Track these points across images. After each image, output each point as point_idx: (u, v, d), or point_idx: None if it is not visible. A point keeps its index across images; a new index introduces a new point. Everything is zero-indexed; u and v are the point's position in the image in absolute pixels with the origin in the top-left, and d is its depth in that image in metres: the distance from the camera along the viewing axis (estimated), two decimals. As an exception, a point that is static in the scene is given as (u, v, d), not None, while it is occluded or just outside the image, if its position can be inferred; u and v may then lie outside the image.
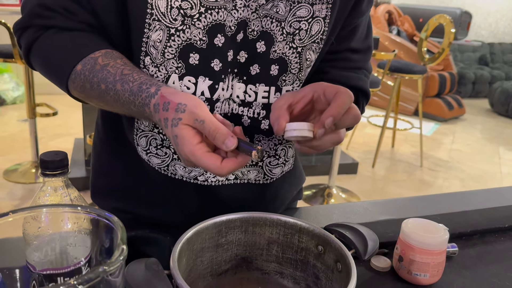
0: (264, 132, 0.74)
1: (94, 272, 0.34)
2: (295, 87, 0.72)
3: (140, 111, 0.60)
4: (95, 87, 0.61)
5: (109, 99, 0.61)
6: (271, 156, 0.76)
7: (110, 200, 0.82)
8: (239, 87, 0.69)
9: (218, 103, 0.69)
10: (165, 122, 0.56)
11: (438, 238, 0.71)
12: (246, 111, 0.71)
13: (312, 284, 0.64)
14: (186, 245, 0.59)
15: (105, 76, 0.60)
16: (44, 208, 0.44)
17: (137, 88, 0.59)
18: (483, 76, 6.31)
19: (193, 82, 0.66)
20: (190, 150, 0.54)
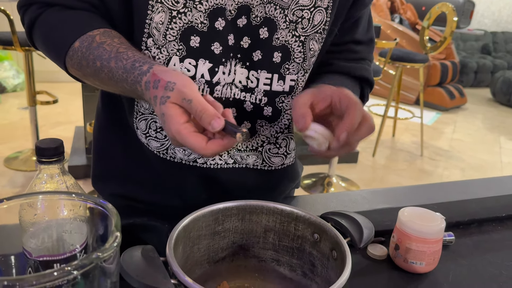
0: (266, 118, 0.74)
1: (88, 258, 0.34)
2: (300, 76, 0.72)
3: (133, 89, 0.60)
4: (90, 64, 0.61)
5: (103, 76, 0.61)
6: (271, 143, 0.77)
7: (110, 185, 0.83)
8: (242, 73, 0.70)
9: (218, 86, 0.69)
10: (155, 100, 0.55)
11: (434, 227, 0.72)
12: (248, 97, 0.72)
13: (308, 271, 0.64)
14: (183, 233, 0.59)
15: (100, 53, 0.60)
16: (39, 195, 0.44)
17: (130, 65, 0.59)
18: (485, 65, 6.27)
19: (194, 64, 0.67)
20: (176, 129, 0.53)
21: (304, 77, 0.73)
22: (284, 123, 0.76)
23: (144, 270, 0.47)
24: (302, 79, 0.72)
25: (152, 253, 0.50)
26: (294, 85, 0.72)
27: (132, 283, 0.45)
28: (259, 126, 0.75)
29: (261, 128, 0.75)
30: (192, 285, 0.47)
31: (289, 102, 0.74)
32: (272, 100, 0.73)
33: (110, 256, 0.36)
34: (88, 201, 0.41)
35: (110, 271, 0.39)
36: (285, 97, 0.73)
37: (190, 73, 0.67)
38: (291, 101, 0.74)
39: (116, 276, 0.40)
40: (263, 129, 0.75)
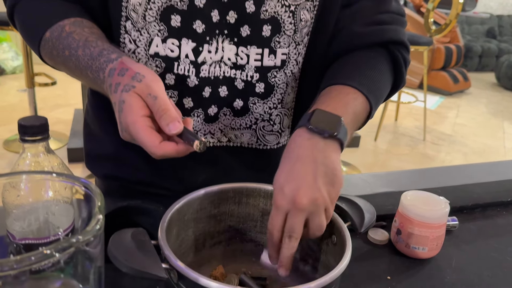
0: (259, 95, 0.71)
1: (68, 241, 0.32)
2: (291, 49, 0.69)
3: (95, 76, 0.58)
4: (60, 54, 0.61)
5: (71, 65, 0.60)
6: (264, 120, 0.74)
7: (103, 166, 0.80)
8: (230, 49, 0.67)
9: (205, 65, 0.67)
10: (116, 86, 0.53)
11: (438, 211, 0.69)
12: (239, 74, 0.69)
13: (306, 256, 0.62)
14: (177, 216, 0.57)
15: (69, 42, 0.59)
16: (21, 175, 0.41)
17: (97, 52, 0.57)
18: (490, 49, 6.19)
19: (177, 44, 0.65)
20: (133, 120, 0.51)
21: (296, 50, 0.69)
22: (277, 98, 0.73)
23: (134, 254, 0.45)
24: (294, 51, 0.69)
25: (143, 236, 0.48)
26: (285, 59, 0.69)
27: (120, 268, 0.43)
28: (251, 104, 0.72)
29: (254, 105, 0.72)
30: (184, 269, 0.45)
31: (281, 76, 0.70)
32: (264, 76, 0.70)
33: (93, 239, 0.34)
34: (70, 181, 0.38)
35: (94, 255, 0.36)
36: (277, 72, 0.70)
37: (174, 54, 0.65)
38: (283, 76, 0.70)
39: (101, 260, 0.38)
40: (255, 107, 0.72)
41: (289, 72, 0.71)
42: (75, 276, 0.40)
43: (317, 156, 0.51)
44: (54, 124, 3.37)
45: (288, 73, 0.71)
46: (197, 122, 0.72)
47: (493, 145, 3.76)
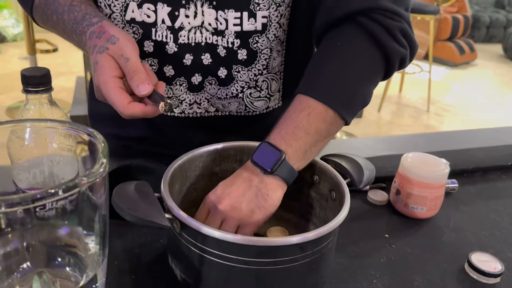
0: (241, 62, 0.69)
1: (73, 181, 0.32)
2: (272, 12, 0.65)
3: (80, 39, 0.60)
4: (49, 19, 0.62)
5: (59, 29, 0.62)
6: (251, 87, 0.72)
7: (106, 126, 0.81)
8: (210, 14, 0.64)
9: (183, 31, 0.65)
10: (93, 48, 0.55)
11: (438, 172, 0.70)
12: (220, 41, 0.66)
13: (305, 213, 0.63)
14: (179, 171, 0.58)
15: (56, 8, 0.61)
16: (26, 122, 0.42)
17: (81, 17, 0.59)
18: (498, 20, 6.06)
19: (153, 9, 0.63)
20: (104, 80, 0.53)
21: (278, 12, 0.66)
22: (262, 64, 0.70)
23: (137, 203, 0.45)
24: (275, 14, 0.66)
25: (146, 188, 0.49)
26: (267, 23, 0.66)
27: (124, 216, 0.44)
28: (235, 72, 0.70)
29: (238, 74, 0.70)
30: (186, 218, 0.46)
31: (264, 41, 0.67)
32: (245, 42, 0.67)
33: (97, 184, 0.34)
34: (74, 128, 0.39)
35: (98, 201, 0.37)
36: (259, 37, 0.67)
37: (151, 19, 0.64)
38: (266, 40, 0.67)
39: (105, 209, 0.39)
40: (240, 75, 0.70)
41: (272, 36, 0.68)
42: (80, 224, 0.41)
43: (254, 181, 0.55)
44: (57, 92, 3.36)
45: (271, 37, 0.68)
46: (181, 91, 0.71)
47: (497, 118, 3.74)
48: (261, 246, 0.44)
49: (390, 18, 0.60)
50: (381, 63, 0.61)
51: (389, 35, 0.60)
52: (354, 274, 0.59)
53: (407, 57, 0.63)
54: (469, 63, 5.23)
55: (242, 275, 0.46)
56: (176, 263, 0.51)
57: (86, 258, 0.41)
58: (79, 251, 0.41)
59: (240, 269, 0.45)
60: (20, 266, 0.40)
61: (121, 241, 0.61)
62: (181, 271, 0.51)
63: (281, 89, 0.77)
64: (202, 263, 0.47)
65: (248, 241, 0.44)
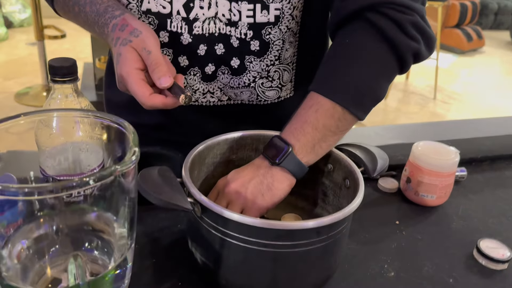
0: (254, 53, 0.70)
1: (106, 170, 0.34)
2: (285, 4, 0.66)
3: (101, 31, 0.61)
4: (71, 10, 0.63)
5: (81, 21, 0.63)
6: (263, 77, 0.73)
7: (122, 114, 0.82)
8: (224, 5, 0.65)
9: (197, 22, 0.66)
10: (116, 40, 0.57)
11: (448, 161, 0.71)
12: (233, 31, 0.67)
13: (319, 201, 0.65)
14: (198, 158, 0.59)
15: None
16: (54, 112, 0.44)
17: (103, 9, 0.60)
18: (506, 7, 6.00)
19: (168, 0, 0.64)
20: (127, 72, 0.55)
21: (290, 4, 0.66)
22: (274, 55, 0.71)
23: (161, 187, 0.47)
24: (288, 6, 0.66)
25: (168, 173, 0.51)
26: (279, 15, 0.66)
27: (150, 199, 0.46)
28: (248, 63, 0.71)
29: (250, 64, 0.71)
30: (207, 203, 0.47)
31: (276, 33, 0.68)
32: (258, 33, 0.68)
33: (129, 170, 0.36)
34: (105, 119, 0.41)
35: (128, 186, 0.39)
36: (271, 29, 0.68)
37: (166, 10, 0.65)
38: (278, 32, 0.68)
39: (135, 192, 0.41)
40: (252, 65, 0.71)
41: (285, 28, 0.68)
42: (109, 209, 0.43)
43: (261, 170, 0.58)
44: (64, 78, 3.38)
45: (283, 29, 0.68)
46: (195, 81, 0.72)
47: (503, 105, 3.73)
48: (279, 230, 0.46)
49: (400, 12, 0.59)
50: (391, 57, 0.61)
51: (398, 28, 0.59)
52: (365, 259, 0.61)
53: (421, 50, 0.62)
54: (476, 50, 5.20)
55: (260, 257, 0.48)
56: (196, 246, 0.54)
57: (115, 242, 0.43)
58: (108, 235, 0.43)
59: (258, 251, 0.47)
60: (51, 250, 0.43)
61: (140, 225, 0.63)
62: (201, 254, 0.53)
63: (293, 80, 0.78)
64: (222, 245, 0.49)
65: (267, 225, 0.46)
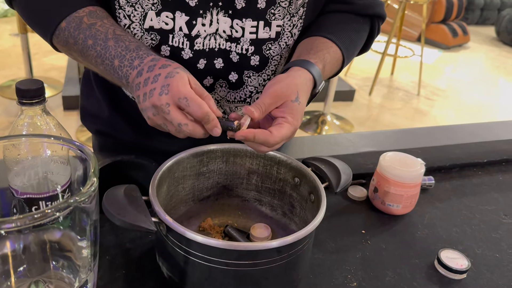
0: (253, 68, 0.73)
1: (67, 202, 0.36)
2: (286, 21, 0.69)
3: (124, 64, 0.59)
4: (80, 42, 0.62)
5: (91, 53, 0.61)
6: (259, 92, 0.76)
7: (97, 124, 0.83)
8: (225, 22, 0.67)
9: (199, 39, 0.67)
10: (165, 66, 0.56)
11: (413, 172, 0.74)
12: (234, 47, 0.70)
13: (287, 211, 0.67)
14: (167, 173, 0.61)
15: (93, 33, 0.61)
16: (22, 138, 0.45)
17: (134, 46, 0.60)
18: (492, 2, 6.05)
19: (171, 17, 0.65)
20: (188, 91, 0.54)
21: (291, 22, 0.70)
22: (272, 70, 0.74)
23: (126, 208, 0.49)
24: (288, 23, 0.70)
25: (134, 193, 0.52)
26: (280, 31, 0.70)
27: (114, 221, 0.47)
28: (246, 77, 0.73)
29: (249, 79, 0.74)
30: (171, 223, 0.49)
31: (276, 48, 0.72)
32: (259, 49, 0.71)
33: (88, 199, 0.38)
34: (67, 144, 0.42)
35: (90, 210, 0.41)
36: (272, 44, 0.71)
37: (168, 27, 0.66)
38: (278, 47, 0.72)
39: (96, 214, 0.42)
40: (250, 80, 0.74)
41: (284, 44, 0.72)
42: (73, 228, 0.44)
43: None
44: (48, 71, 3.35)
45: (282, 45, 0.72)
46: None
47: (486, 102, 3.79)
48: (240, 250, 0.48)
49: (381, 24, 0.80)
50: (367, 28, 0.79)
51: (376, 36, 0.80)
52: (330, 269, 0.64)
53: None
54: (461, 45, 5.25)
55: (223, 275, 0.50)
56: (162, 261, 0.55)
57: (80, 262, 0.44)
58: (73, 255, 0.45)
59: (221, 270, 0.49)
60: (17, 270, 0.44)
61: (112, 236, 0.65)
62: (167, 269, 0.55)
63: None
64: (186, 263, 0.51)
65: (229, 246, 0.48)
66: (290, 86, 0.61)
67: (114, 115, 0.80)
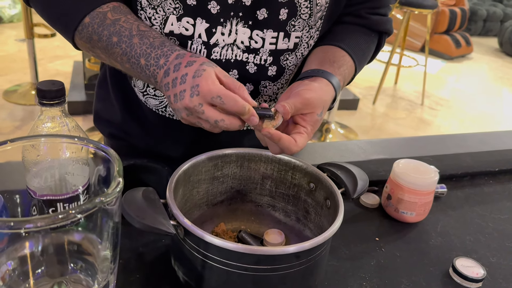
0: (270, 78, 0.73)
1: (91, 202, 0.35)
2: (305, 33, 0.70)
3: (150, 63, 0.59)
4: (104, 39, 0.61)
5: (116, 50, 0.61)
6: (272, 100, 0.76)
7: (110, 128, 0.83)
8: (244, 32, 0.67)
9: (217, 48, 0.67)
10: (190, 65, 0.56)
11: (427, 179, 0.73)
12: (252, 58, 0.69)
13: (302, 217, 0.67)
14: (183, 177, 0.61)
15: (118, 30, 0.60)
16: (42, 138, 0.44)
17: (159, 43, 0.60)
18: (495, 14, 6.08)
19: (192, 23, 0.65)
20: (222, 88, 0.54)
21: (309, 33, 0.70)
22: (286, 79, 0.74)
23: (145, 211, 0.48)
24: (306, 35, 0.70)
25: (153, 195, 0.52)
26: (298, 42, 0.70)
27: (133, 223, 0.47)
28: (262, 88, 0.74)
29: (265, 89, 0.74)
30: (190, 226, 0.49)
31: (293, 59, 0.72)
32: (277, 59, 0.71)
33: (112, 200, 0.37)
34: (90, 145, 0.42)
35: (113, 212, 0.40)
36: (289, 55, 0.71)
37: (188, 32, 0.66)
38: (294, 58, 0.72)
39: (118, 216, 0.42)
40: (266, 90, 0.74)
41: (300, 55, 0.72)
42: (94, 231, 0.44)
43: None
44: (54, 76, 3.36)
45: (299, 56, 0.72)
46: None
47: (490, 112, 3.79)
48: (259, 255, 0.48)
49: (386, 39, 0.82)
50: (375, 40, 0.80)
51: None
52: (345, 276, 0.63)
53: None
54: (464, 56, 5.26)
55: (241, 280, 0.50)
56: (178, 265, 0.55)
57: (98, 265, 0.44)
58: (92, 257, 0.44)
59: (239, 275, 0.49)
60: (36, 271, 0.44)
61: (126, 240, 0.64)
62: (183, 273, 0.54)
63: None
64: (203, 267, 0.51)
65: (247, 250, 0.47)
66: (320, 100, 0.62)
67: (127, 120, 0.80)
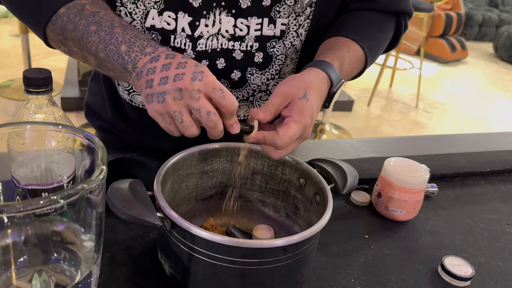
0: (257, 65, 0.72)
1: (74, 189, 0.35)
2: (291, 20, 0.69)
3: (133, 50, 0.56)
4: (80, 28, 0.58)
5: (94, 39, 0.58)
6: (262, 91, 0.75)
7: (101, 121, 0.83)
8: (228, 21, 0.66)
9: (201, 40, 0.67)
10: (187, 57, 0.55)
11: (418, 178, 0.73)
12: (237, 45, 0.69)
13: (291, 213, 0.66)
14: (171, 170, 0.60)
15: (98, 20, 0.58)
16: (28, 125, 0.44)
17: (144, 36, 0.58)
18: (491, 19, 6.12)
19: (173, 17, 0.64)
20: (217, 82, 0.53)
21: (297, 21, 0.69)
22: (275, 69, 0.73)
23: (131, 202, 0.48)
24: (293, 22, 0.69)
25: (139, 187, 0.51)
26: (285, 30, 0.69)
27: (118, 214, 0.47)
28: (249, 75, 0.73)
29: (252, 76, 0.73)
30: (176, 218, 0.48)
31: (280, 47, 0.71)
32: (263, 45, 0.70)
33: (96, 188, 0.37)
34: (75, 133, 0.41)
35: (96, 202, 0.40)
36: (276, 42, 0.70)
37: (171, 27, 0.65)
38: (282, 46, 0.71)
39: (102, 207, 0.41)
40: (253, 77, 0.73)
41: (289, 44, 0.71)
42: (77, 221, 0.43)
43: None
44: (48, 72, 3.34)
45: (287, 45, 0.71)
46: None
47: (484, 116, 3.81)
48: (246, 248, 0.47)
49: (409, 20, 0.79)
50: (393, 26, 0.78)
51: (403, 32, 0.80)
52: (333, 273, 0.63)
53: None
54: (459, 60, 5.29)
55: (228, 273, 0.49)
56: (165, 259, 0.54)
57: (82, 255, 0.43)
58: (76, 247, 0.44)
59: (226, 268, 0.48)
60: (18, 260, 0.43)
61: (112, 234, 0.64)
62: (170, 267, 0.53)
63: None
64: (190, 260, 0.50)
65: (234, 243, 0.47)
66: (297, 84, 0.60)
67: (116, 117, 0.79)
